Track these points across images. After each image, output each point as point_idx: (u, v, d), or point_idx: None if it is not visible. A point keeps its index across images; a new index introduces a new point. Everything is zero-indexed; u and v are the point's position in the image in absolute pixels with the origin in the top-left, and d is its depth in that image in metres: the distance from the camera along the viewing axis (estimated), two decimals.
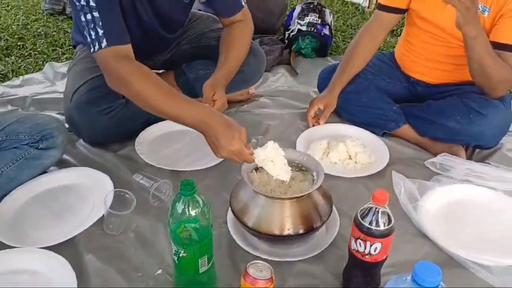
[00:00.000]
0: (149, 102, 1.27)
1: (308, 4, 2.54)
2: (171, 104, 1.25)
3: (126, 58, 1.31)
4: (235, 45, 1.58)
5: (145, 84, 1.26)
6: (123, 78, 1.28)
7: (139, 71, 1.29)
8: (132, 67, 1.29)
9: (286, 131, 1.75)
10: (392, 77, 1.85)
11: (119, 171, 1.47)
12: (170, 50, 1.78)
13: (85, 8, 1.28)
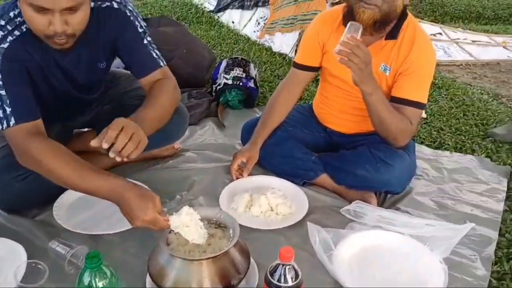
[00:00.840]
0: (62, 179, 1.29)
1: (233, 59, 2.65)
2: (84, 179, 1.27)
3: (36, 135, 1.32)
4: (156, 96, 1.50)
5: (56, 161, 1.28)
6: (33, 157, 1.29)
7: (49, 148, 1.30)
8: (41, 145, 1.30)
9: (211, 186, 1.79)
10: (310, 128, 1.95)
11: (35, 238, 1.44)
12: (90, 111, 1.78)
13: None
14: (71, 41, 1.32)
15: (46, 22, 1.23)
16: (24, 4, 1.22)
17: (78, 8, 1.25)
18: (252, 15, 4.20)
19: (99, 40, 1.48)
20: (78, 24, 1.29)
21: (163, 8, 4.68)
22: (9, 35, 1.32)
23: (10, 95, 1.31)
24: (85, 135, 1.84)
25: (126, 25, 1.49)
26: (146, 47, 1.54)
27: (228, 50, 3.61)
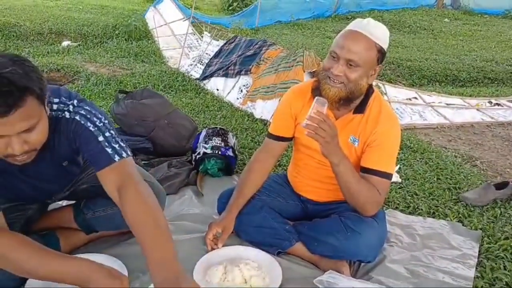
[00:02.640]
0: (28, 271, 1.31)
1: (212, 128, 2.74)
2: (50, 267, 1.29)
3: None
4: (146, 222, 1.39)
5: (19, 254, 1.29)
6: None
7: (12, 246, 1.30)
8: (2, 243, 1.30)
9: (186, 258, 1.77)
10: (285, 196, 2.00)
11: None
12: (67, 189, 1.80)
13: None
14: (33, 155, 1.35)
15: (4, 146, 1.25)
16: None
17: (35, 127, 1.27)
18: (235, 83, 4.37)
19: (58, 145, 1.49)
20: (37, 141, 1.30)
21: (151, 77, 4.84)
22: None
23: None
24: (61, 212, 1.86)
25: (80, 132, 1.47)
26: (100, 145, 1.47)
27: (211, 117, 3.72)
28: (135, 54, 6.07)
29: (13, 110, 1.18)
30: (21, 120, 1.22)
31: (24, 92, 1.20)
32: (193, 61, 5.45)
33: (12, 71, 1.19)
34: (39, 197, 1.72)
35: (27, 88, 1.21)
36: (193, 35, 6.54)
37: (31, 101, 1.22)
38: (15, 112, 1.19)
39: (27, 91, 1.21)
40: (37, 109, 1.26)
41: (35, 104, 1.25)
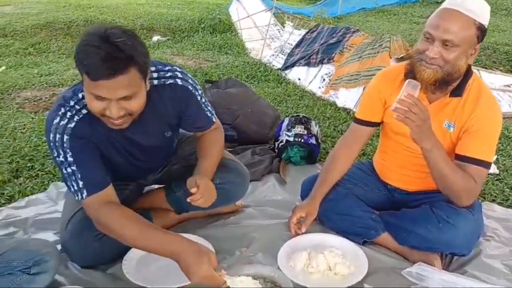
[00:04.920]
0: (130, 241, 1.46)
1: (295, 116, 2.73)
2: (149, 240, 1.42)
3: (106, 204, 1.46)
4: (209, 147, 1.75)
5: (124, 226, 1.44)
6: (105, 224, 1.46)
7: (118, 214, 1.46)
8: (111, 212, 1.46)
9: (270, 243, 1.81)
10: (370, 185, 1.94)
11: None
12: (160, 170, 1.92)
13: (64, 163, 1.45)
14: (128, 121, 1.44)
15: (103, 107, 1.36)
16: (86, 90, 1.35)
17: (134, 96, 1.37)
18: (318, 72, 4.31)
19: (165, 113, 1.61)
20: (133, 109, 1.40)
21: (234, 68, 4.94)
22: (76, 115, 1.46)
23: (81, 170, 1.46)
24: (155, 193, 1.97)
25: (190, 99, 1.63)
26: (203, 111, 1.72)
27: (293, 106, 3.72)
28: (219, 46, 6.22)
29: (117, 75, 1.28)
30: (122, 87, 1.32)
31: (130, 61, 1.30)
32: (275, 51, 5.47)
33: (123, 41, 1.29)
34: (137, 175, 1.84)
35: (133, 58, 1.30)
36: (275, 25, 6.55)
37: (134, 71, 1.32)
38: (119, 77, 1.29)
39: (132, 61, 1.30)
40: (138, 80, 1.36)
41: (137, 75, 1.34)
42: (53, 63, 5.08)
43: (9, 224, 1.93)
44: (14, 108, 3.49)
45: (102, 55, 1.25)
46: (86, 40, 1.29)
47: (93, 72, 1.28)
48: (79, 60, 1.30)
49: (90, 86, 1.31)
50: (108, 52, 1.26)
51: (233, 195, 1.89)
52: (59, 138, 1.43)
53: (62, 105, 1.46)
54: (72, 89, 1.51)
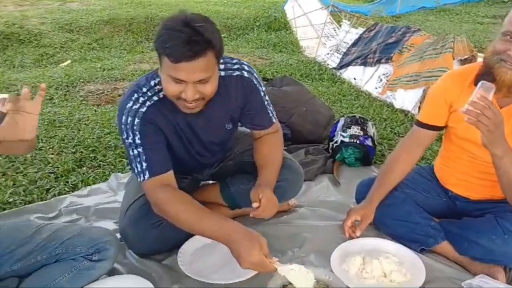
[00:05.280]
0: (184, 223, 1.48)
1: (351, 117, 2.68)
2: (202, 223, 1.44)
3: (165, 186, 1.51)
4: (269, 155, 1.76)
5: (179, 207, 1.47)
6: (161, 206, 1.49)
7: (174, 197, 1.49)
8: (168, 194, 1.49)
9: (323, 244, 1.79)
10: (430, 191, 1.87)
11: (161, 281, 1.58)
12: (216, 165, 1.96)
13: (132, 145, 1.52)
14: (200, 105, 1.50)
15: (179, 90, 1.42)
16: (164, 73, 1.42)
17: (209, 80, 1.43)
18: (374, 72, 4.21)
19: (229, 104, 1.65)
20: (207, 92, 1.46)
21: (288, 66, 4.93)
22: (148, 101, 1.54)
23: (146, 152, 1.52)
24: (210, 188, 2.01)
25: (254, 93, 1.68)
26: (265, 108, 1.74)
27: (348, 106, 3.65)
28: (274, 44, 6.23)
29: (197, 58, 1.34)
30: (200, 70, 1.38)
31: (208, 45, 1.36)
32: (330, 50, 5.40)
33: (203, 26, 1.36)
34: (194, 168, 1.88)
35: (211, 42, 1.36)
36: (331, 24, 6.46)
37: (211, 55, 1.38)
38: (198, 60, 1.35)
39: (210, 45, 1.36)
40: (213, 64, 1.42)
41: (213, 60, 1.41)
42: (115, 58, 5.29)
43: (73, 211, 2.03)
44: (78, 101, 3.67)
45: (184, 38, 1.32)
46: (169, 25, 1.36)
47: (175, 54, 1.34)
48: (161, 44, 1.36)
49: (170, 69, 1.37)
50: (189, 36, 1.32)
51: (287, 192, 1.89)
52: (130, 121, 1.50)
53: (136, 91, 1.54)
54: (145, 77, 1.59)
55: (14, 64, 5.01)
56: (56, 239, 1.49)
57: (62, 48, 5.73)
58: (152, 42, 1.42)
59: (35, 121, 1.21)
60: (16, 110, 1.15)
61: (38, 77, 4.17)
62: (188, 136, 1.67)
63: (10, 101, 1.12)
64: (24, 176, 2.28)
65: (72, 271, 1.47)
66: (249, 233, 1.39)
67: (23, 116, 1.18)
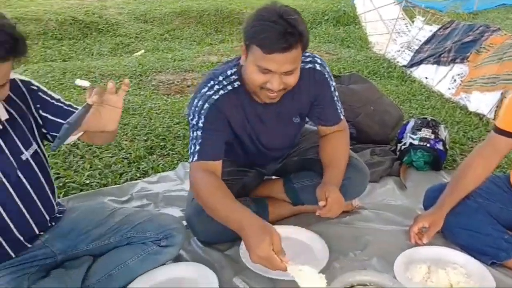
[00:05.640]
0: (208, 208, 1.52)
1: (422, 119, 2.58)
2: (221, 210, 1.47)
3: (207, 172, 1.54)
4: (336, 154, 1.75)
5: (207, 192, 1.51)
6: (196, 186, 1.55)
7: (208, 182, 1.52)
8: (204, 179, 1.53)
9: (386, 249, 1.75)
10: (506, 203, 1.76)
11: (223, 270, 1.63)
12: (281, 161, 1.97)
13: (194, 126, 1.58)
14: (280, 95, 1.53)
15: (265, 80, 1.45)
16: (251, 63, 1.45)
17: (294, 72, 1.47)
18: (448, 71, 4.02)
19: (299, 97, 1.66)
20: (291, 83, 1.49)
21: (356, 62, 4.83)
22: (222, 89, 1.58)
23: (203, 136, 1.56)
24: (273, 182, 2.03)
25: (325, 86, 1.68)
26: (334, 104, 1.74)
27: (418, 106, 3.52)
28: (342, 39, 6.13)
29: (290, 50, 1.38)
30: (289, 62, 1.41)
31: (299, 37, 1.39)
32: (401, 47, 5.23)
33: (296, 18, 1.40)
34: (259, 162, 1.90)
35: (302, 34, 1.40)
36: (403, 20, 6.24)
37: (299, 48, 1.42)
38: (290, 52, 1.38)
39: (300, 38, 1.40)
40: (299, 57, 1.46)
41: (300, 52, 1.45)
42: (185, 49, 5.45)
43: (143, 197, 2.13)
44: (150, 90, 3.83)
45: (280, 30, 1.35)
46: (263, 16, 1.40)
47: (268, 45, 1.37)
48: (253, 34, 1.40)
49: (260, 59, 1.41)
50: (285, 28, 1.36)
51: (351, 192, 1.86)
52: (200, 105, 1.56)
53: (212, 78, 1.59)
54: (223, 66, 1.64)
55: (93, 52, 5.31)
56: (128, 223, 1.58)
57: (137, 38, 5.99)
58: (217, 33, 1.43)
59: (117, 114, 1.26)
60: (101, 102, 1.21)
61: (114, 66, 4.39)
62: (256, 128, 1.69)
63: (96, 94, 1.19)
64: (100, 160, 2.42)
65: (142, 254, 1.55)
66: (262, 226, 1.36)
67: (106, 109, 1.24)
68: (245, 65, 1.50)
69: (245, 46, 1.47)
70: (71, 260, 1.50)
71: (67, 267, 1.46)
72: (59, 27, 5.80)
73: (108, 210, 1.64)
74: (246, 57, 1.48)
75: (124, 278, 1.53)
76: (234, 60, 1.65)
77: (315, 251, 1.72)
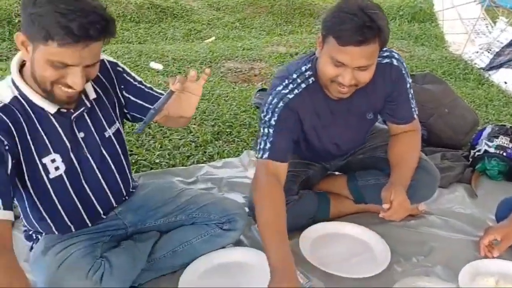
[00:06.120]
0: (258, 222, 1.53)
1: (500, 126, 2.44)
2: (264, 231, 1.47)
3: (271, 175, 1.54)
4: (405, 154, 1.70)
5: (264, 206, 1.50)
6: (257, 192, 1.54)
7: (271, 192, 1.51)
8: (265, 185, 1.53)
9: (452, 258, 1.69)
10: None
11: None
12: (345, 158, 1.94)
13: (266, 123, 1.58)
14: (351, 91, 1.51)
15: (337, 74, 1.44)
16: (325, 55, 1.44)
17: (368, 68, 1.44)
18: None
19: (374, 93, 1.62)
20: (363, 80, 1.47)
21: (430, 62, 4.63)
22: (296, 88, 1.58)
23: (274, 135, 1.56)
24: (337, 178, 2.01)
25: (401, 83, 1.64)
26: (408, 101, 1.70)
27: (495, 112, 3.33)
28: (416, 36, 5.89)
29: (366, 44, 1.36)
30: (363, 57, 1.39)
31: (378, 32, 1.37)
32: (480, 48, 4.95)
33: (377, 13, 1.38)
34: (325, 157, 1.88)
35: (381, 30, 1.38)
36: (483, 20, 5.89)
37: (376, 44, 1.39)
38: (366, 46, 1.37)
39: (379, 33, 1.38)
40: (376, 53, 1.43)
41: (377, 49, 1.42)
42: (254, 39, 5.48)
43: (208, 180, 2.20)
44: (218, 77, 3.90)
45: (359, 23, 1.34)
46: (344, 7, 1.38)
47: (344, 37, 1.36)
48: (331, 25, 1.39)
49: (334, 51, 1.40)
50: (364, 21, 1.34)
51: (419, 195, 1.79)
52: (274, 103, 1.57)
53: (286, 76, 1.60)
54: (297, 62, 1.64)
55: (167, 37, 5.48)
56: (194, 204, 1.64)
57: (209, 25, 6.09)
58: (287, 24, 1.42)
59: (195, 101, 1.30)
60: (182, 89, 1.26)
61: (186, 51, 4.51)
62: (327, 123, 1.67)
63: (179, 81, 1.24)
64: (169, 141, 2.52)
65: (205, 235, 1.61)
66: (283, 274, 1.35)
67: (186, 96, 1.28)
68: (319, 57, 1.49)
69: (321, 37, 1.46)
70: (140, 234, 1.58)
71: (135, 240, 1.54)
72: (137, 11, 6.02)
73: (176, 190, 1.71)
74: (321, 49, 1.47)
75: (187, 256, 1.59)
76: (309, 54, 1.64)
77: (375, 252, 1.70)
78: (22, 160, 1.26)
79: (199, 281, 1.54)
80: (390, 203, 1.54)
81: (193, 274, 1.55)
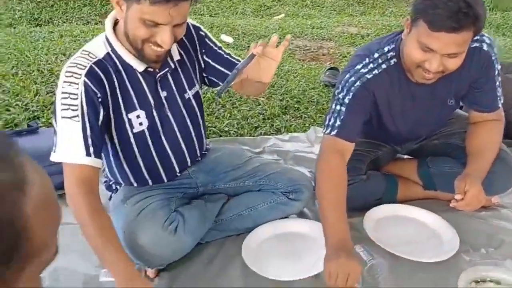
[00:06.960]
0: (318, 197, 1.53)
1: None
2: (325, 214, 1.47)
3: (338, 152, 1.53)
4: (485, 143, 1.63)
5: (326, 186, 1.50)
6: (321, 167, 1.54)
7: (331, 169, 1.51)
8: (330, 164, 1.52)
9: None
10: None
11: None
12: (419, 141, 1.88)
13: (340, 100, 1.56)
14: (436, 77, 1.45)
15: (424, 60, 1.39)
16: (413, 39, 1.39)
17: (457, 55, 1.38)
18: None
19: (458, 78, 1.55)
20: (451, 67, 1.41)
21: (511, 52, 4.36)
22: (376, 69, 1.54)
23: (346, 114, 1.54)
24: (407, 162, 1.97)
25: (489, 69, 1.56)
26: (494, 89, 1.62)
27: None
28: (497, 25, 5.55)
29: (460, 31, 1.30)
30: (455, 44, 1.33)
31: (474, 20, 1.30)
32: None
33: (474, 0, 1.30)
34: (397, 139, 1.84)
35: (478, 17, 1.30)
36: None
37: (470, 31, 1.33)
38: (458, 34, 1.30)
39: (474, 21, 1.30)
40: (469, 40, 1.37)
41: (471, 36, 1.35)
42: (325, 18, 5.41)
43: (274, 152, 2.23)
44: (287, 54, 3.89)
45: (454, 9, 1.27)
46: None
47: (437, 22, 1.30)
48: (424, 8, 1.33)
49: (424, 36, 1.35)
50: (460, 7, 1.27)
51: (495, 187, 1.72)
52: (351, 81, 1.54)
53: (367, 55, 1.56)
54: (379, 41, 1.60)
55: (237, 11, 5.53)
56: (262, 171, 1.68)
57: (279, 2, 6.07)
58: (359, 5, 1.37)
59: (274, 67, 1.31)
60: (262, 54, 1.27)
61: (256, 26, 4.54)
62: (406, 107, 1.63)
63: (260, 45, 1.25)
64: (238, 111, 2.57)
65: (271, 202, 1.65)
66: (339, 248, 1.34)
67: (266, 61, 1.29)
68: (406, 40, 1.44)
69: (410, 20, 1.40)
70: (209, 195, 1.64)
71: (205, 200, 1.61)
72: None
73: (245, 156, 1.75)
74: (409, 32, 1.42)
75: (252, 220, 1.64)
76: (393, 34, 1.60)
77: (443, 239, 1.65)
78: (111, 112, 1.34)
79: (261, 247, 1.58)
80: (464, 194, 1.49)
81: (256, 241, 1.60)
